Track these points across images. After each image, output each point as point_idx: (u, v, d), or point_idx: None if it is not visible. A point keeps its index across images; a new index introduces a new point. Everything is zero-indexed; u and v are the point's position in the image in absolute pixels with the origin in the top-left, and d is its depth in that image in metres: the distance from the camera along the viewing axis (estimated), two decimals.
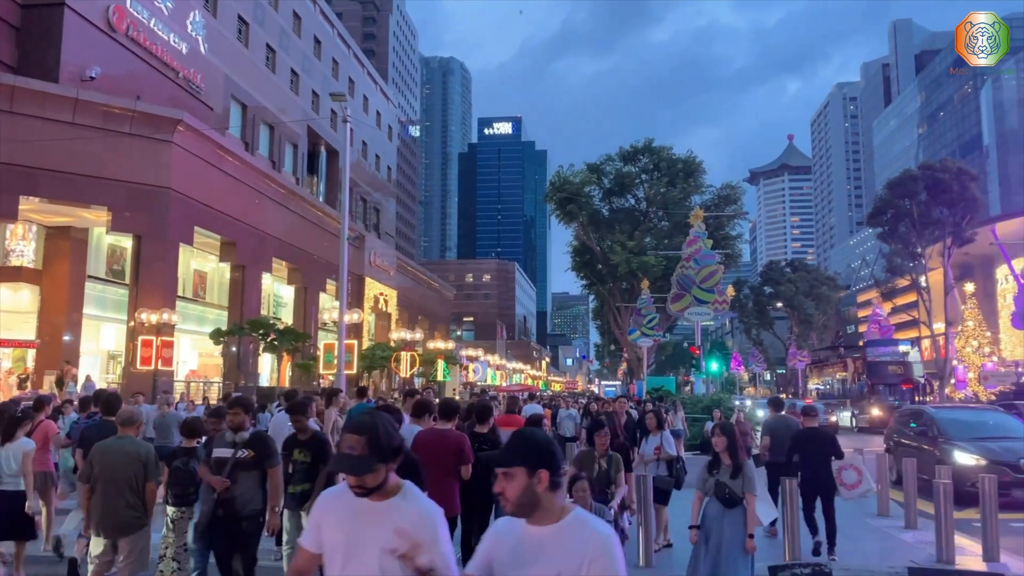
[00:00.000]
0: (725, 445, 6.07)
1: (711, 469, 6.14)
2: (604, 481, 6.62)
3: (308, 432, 6.63)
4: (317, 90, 52.06)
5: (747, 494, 5.92)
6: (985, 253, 63.13)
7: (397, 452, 2.67)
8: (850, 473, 8.82)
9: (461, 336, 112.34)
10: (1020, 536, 9.85)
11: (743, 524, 5.89)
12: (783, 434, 9.83)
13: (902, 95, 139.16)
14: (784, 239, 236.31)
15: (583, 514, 2.47)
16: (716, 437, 6.19)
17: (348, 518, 2.65)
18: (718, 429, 6.27)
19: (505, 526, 2.58)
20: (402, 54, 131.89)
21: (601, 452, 6.82)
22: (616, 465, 6.77)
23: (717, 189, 48.64)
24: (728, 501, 5.92)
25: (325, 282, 44.15)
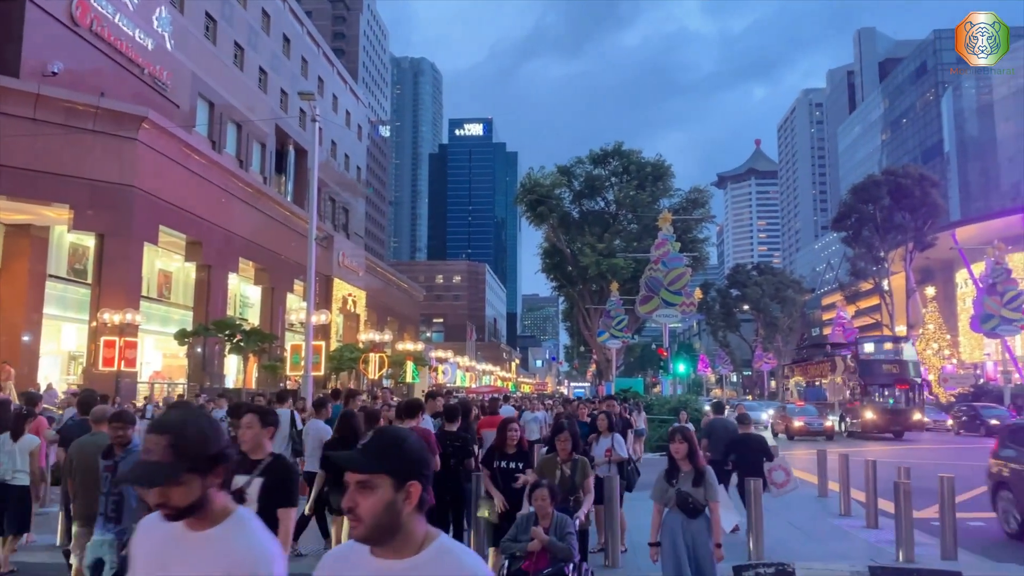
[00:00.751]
0: (686, 452, 5.59)
1: (670, 478, 5.62)
2: (567, 488, 6.17)
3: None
4: (286, 89, 51.57)
5: (711, 502, 5.53)
6: (945, 258, 64.54)
7: (216, 461, 2.00)
8: (779, 473, 9.82)
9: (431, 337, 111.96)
10: (977, 535, 10.08)
11: (708, 534, 5.52)
12: (720, 435, 10.80)
13: (866, 102, 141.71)
14: (751, 243, 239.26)
15: (450, 544, 1.87)
16: (676, 443, 5.64)
17: (157, 552, 2.00)
18: (678, 434, 5.68)
19: (344, 558, 1.93)
20: (372, 54, 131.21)
21: (564, 457, 6.38)
22: (582, 471, 6.33)
23: (685, 193, 49.11)
24: (692, 511, 5.48)
25: (293, 282, 43.74)
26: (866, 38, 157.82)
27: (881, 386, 33.45)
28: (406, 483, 1.84)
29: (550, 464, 6.41)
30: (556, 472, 6.25)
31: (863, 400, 32.84)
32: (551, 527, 5.23)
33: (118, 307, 26.71)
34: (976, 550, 8.84)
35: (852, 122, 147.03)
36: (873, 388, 33.40)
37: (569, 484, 6.19)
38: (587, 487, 6.28)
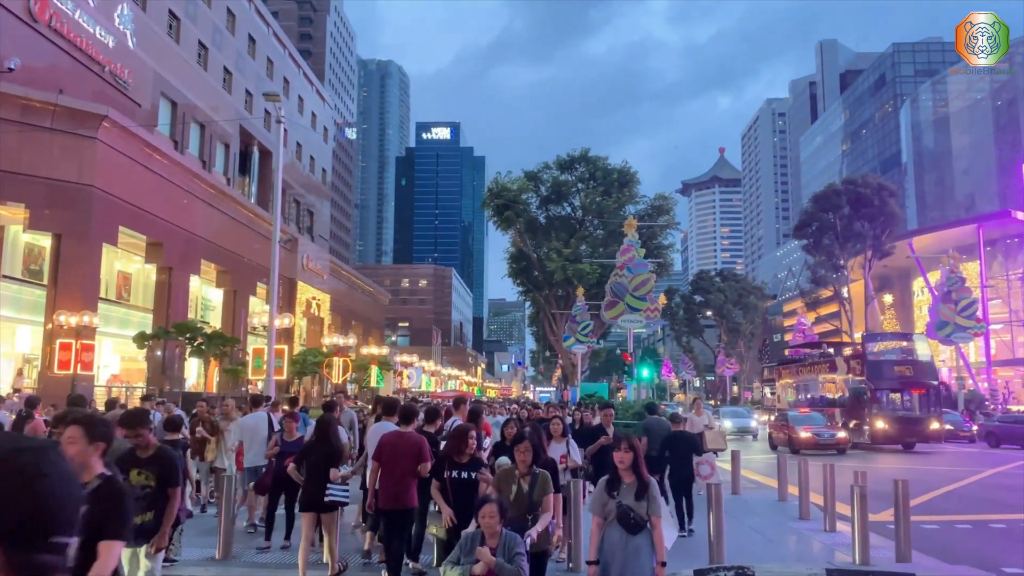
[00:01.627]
0: (631, 461, 5.11)
1: (611, 490, 5.11)
2: (525, 505, 5.56)
3: (151, 448, 5.37)
4: (251, 89, 51.01)
5: (653, 517, 5.05)
6: (903, 266, 66.06)
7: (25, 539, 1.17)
8: (705, 467, 11.42)
9: (396, 342, 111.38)
10: (930, 537, 10.32)
11: (651, 551, 5.03)
12: (656, 432, 11.86)
13: (827, 112, 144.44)
14: (714, 249, 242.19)
15: None
16: (622, 452, 5.12)
17: None
18: (624, 442, 5.20)
19: None
20: (339, 55, 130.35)
21: (523, 470, 5.73)
22: (542, 485, 5.68)
23: (650, 199, 49.59)
24: (633, 527, 5.00)
25: (256, 285, 43.21)
26: (828, 50, 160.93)
27: (892, 390, 29.31)
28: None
29: (507, 477, 5.80)
30: (513, 487, 5.66)
31: (872, 407, 28.54)
32: (499, 547, 4.76)
33: (75, 309, 26.14)
34: (930, 552, 9.04)
35: (814, 132, 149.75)
36: (883, 392, 29.09)
37: (526, 501, 5.59)
38: (546, 504, 5.64)
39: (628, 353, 37.34)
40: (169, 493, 5.24)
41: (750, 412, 39.11)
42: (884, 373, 29.49)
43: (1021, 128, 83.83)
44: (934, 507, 13.23)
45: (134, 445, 5.34)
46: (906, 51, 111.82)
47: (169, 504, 5.23)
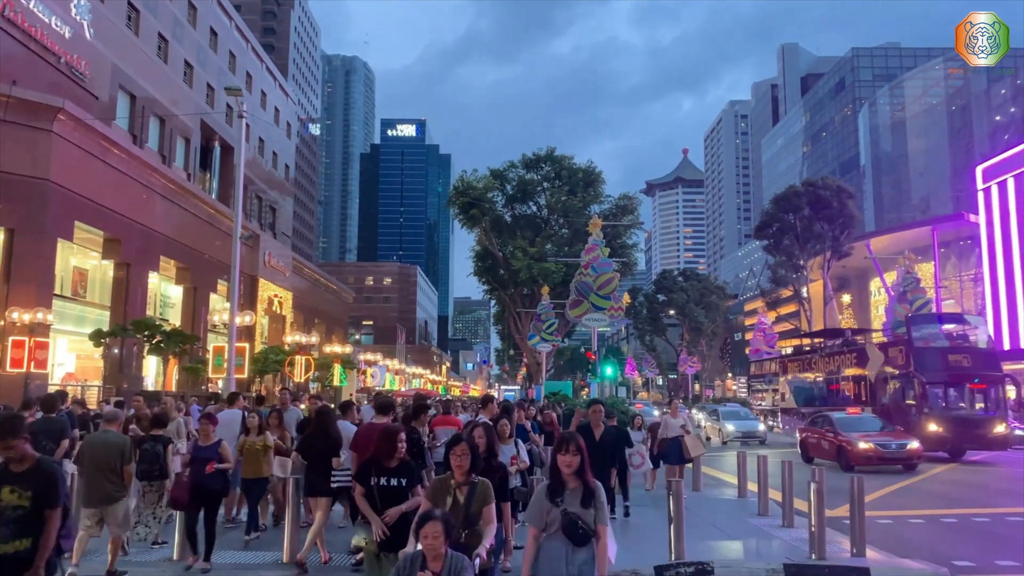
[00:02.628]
0: (578, 465, 4.50)
1: (553, 496, 4.48)
2: (461, 519, 4.76)
3: (27, 461, 4.56)
4: (212, 83, 50.24)
5: (600, 526, 4.46)
6: (860, 266, 67.42)
7: None
8: (636, 457, 12.45)
9: (360, 340, 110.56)
10: (884, 532, 10.57)
11: (593, 565, 4.43)
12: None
13: (789, 115, 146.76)
14: (677, 249, 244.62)
15: None
16: (568, 455, 4.51)
17: None
18: (572, 445, 4.55)
19: None
20: (303, 50, 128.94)
21: (460, 479, 4.94)
22: (481, 496, 4.89)
23: (615, 199, 49.88)
24: (581, 538, 4.40)
25: (216, 282, 42.61)
26: (789, 54, 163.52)
27: (948, 383, 23.90)
28: None
29: (441, 488, 4.98)
30: (447, 498, 4.88)
31: (922, 405, 23.33)
32: (444, 571, 4.12)
33: (28, 306, 25.53)
34: (884, 547, 9.26)
35: (775, 134, 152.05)
36: (936, 387, 23.78)
37: (463, 514, 4.81)
38: (488, 516, 4.88)
39: (592, 351, 37.53)
40: (47, 515, 4.41)
41: (752, 413, 34.07)
42: (936, 363, 23.97)
43: (974, 133, 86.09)
44: None
45: (5, 459, 4.52)
46: (865, 56, 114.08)
47: (46, 529, 4.40)
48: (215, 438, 8.33)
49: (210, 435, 8.31)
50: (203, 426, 8.47)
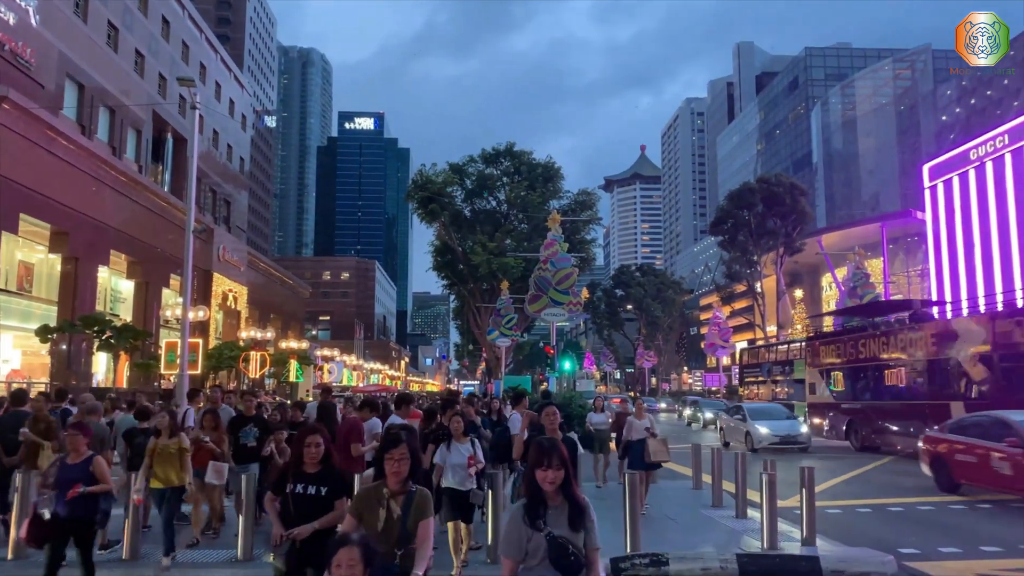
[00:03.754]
0: (563, 480, 3.62)
1: (533, 519, 3.58)
2: (395, 536, 3.98)
3: None
4: (165, 73, 49.16)
5: (590, 550, 3.63)
6: (812, 262, 68.85)
7: None
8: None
9: (316, 336, 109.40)
10: (833, 521, 10.85)
11: None
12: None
13: (744, 113, 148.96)
14: (635, 245, 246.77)
15: None
16: (551, 470, 3.59)
17: None
18: (555, 458, 3.61)
19: None
20: (259, 41, 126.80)
21: (394, 487, 4.08)
22: (418, 509, 4.04)
23: (574, 195, 50.14)
24: (572, 568, 3.54)
25: (169, 277, 41.80)
26: (745, 52, 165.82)
27: None
28: None
29: (371, 498, 4.11)
30: (380, 511, 4.05)
31: None
32: None
33: None
34: (833, 536, 9.50)
35: (731, 132, 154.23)
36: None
37: (399, 531, 4.01)
38: (423, 534, 4.03)
39: (551, 346, 37.73)
40: None
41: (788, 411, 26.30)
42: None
43: (921, 132, 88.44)
44: None
45: None
46: (817, 56, 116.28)
47: None
48: (86, 452, 6.54)
49: (80, 450, 6.50)
50: (71, 439, 6.56)
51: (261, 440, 9.50)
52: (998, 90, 71.69)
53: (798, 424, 23.76)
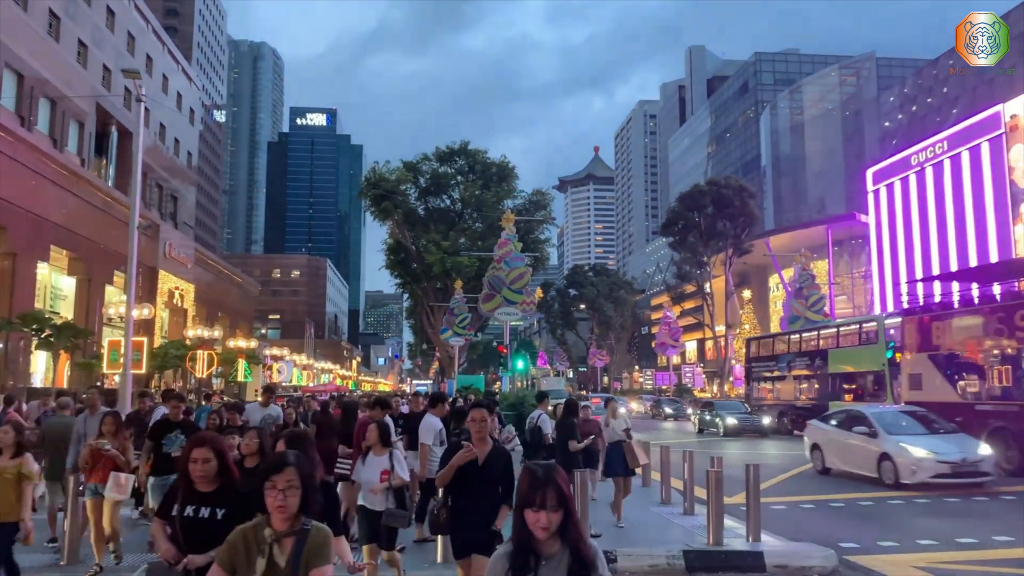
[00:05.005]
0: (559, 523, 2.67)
1: (521, 571, 2.69)
2: None
3: None
4: (109, 65, 47.82)
5: None
6: (760, 263, 70.26)
7: None
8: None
9: (266, 334, 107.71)
10: (778, 517, 11.08)
11: None
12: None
13: (695, 116, 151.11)
14: (589, 245, 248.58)
15: None
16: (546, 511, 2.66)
17: None
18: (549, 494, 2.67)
19: None
20: (208, 34, 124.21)
21: (281, 525, 3.03)
22: (315, 551, 3.03)
23: (528, 195, 50.32)
24: None
25: (112, 274, 40.72)
26: (696, 56, 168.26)
27: None
28: None
29: (247, 542, 3.06)
30: (258, 560, 3.01)
31: None
32: None
33: None
34: (778, 531, 9.71)
35: (682, 134, 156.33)
36: None
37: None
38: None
39: (504, 345, 37.79)
40: None
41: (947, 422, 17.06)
42: None
43: (865, 138, 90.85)
44: None
45: None
46: (767, 61, 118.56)
47: None
48: None
49: None
50: None
51: None
52: (938, 98, 74.09)
53: (974, 444, 15.04)
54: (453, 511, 5.17)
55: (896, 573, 7.92)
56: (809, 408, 28.00)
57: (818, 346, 30.47)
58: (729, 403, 34.94)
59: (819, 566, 8.03)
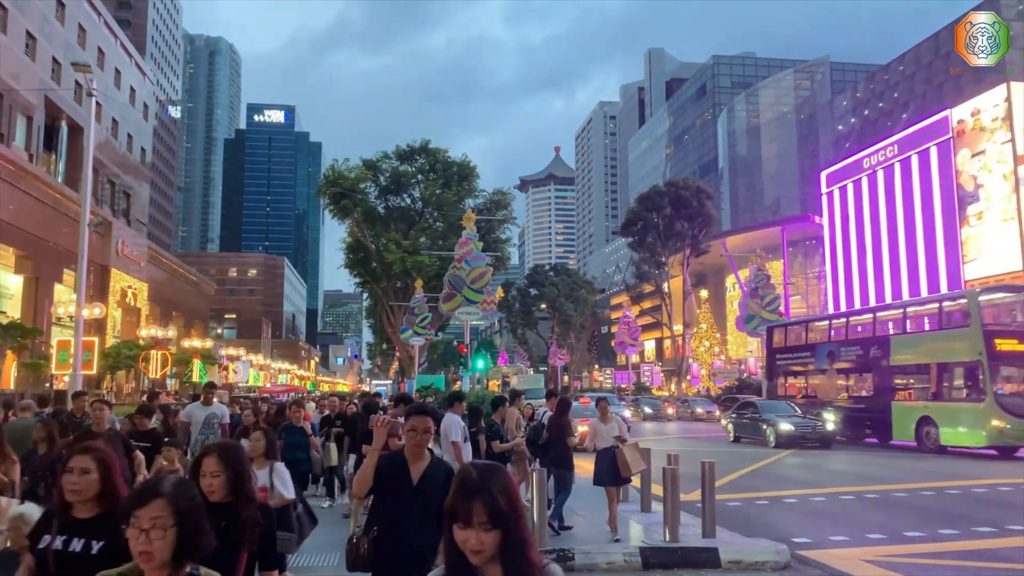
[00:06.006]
0: (498, 543, 1.99)
1: None
2: None
3: None
4: (59, 58, 46.60)
5: None
6: (717, 263, 71.27)
7: None
8: None
9: (222, 334, 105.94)
10: (733, 513, 11.26)
11: None
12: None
13: (654, 117, 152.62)
14: (549, 244, 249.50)
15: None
16: (473, 529, 1.98)
17: None
18: (477, 506, 1.99)
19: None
20: (163, 28, 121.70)
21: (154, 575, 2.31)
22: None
23: (489, 194, 50.34)
24: None
25: (62, 272, 39.68)
26: (655, 58, 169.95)
27: None
28: None
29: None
30: None
31: None
32: None
33: None
34: (733, 527, 9.87)
35: (641, 135, 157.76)
36: None
37: None
38: None
39: (464, 345, 37.73)
40: None
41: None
42: None
43: (819, 141, 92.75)
44: None
45: None
46: (724, 64, 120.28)
47: None
48: None
49: None
50: None
51: None
52: (889, 102, 75.97)
53: None
54: (377, 541, 3.96)
55: (846, 567, 8.11)
56: (862, 409, 24.15)
57: (873, 332, 24.94)
58: (773, 403, 26.09)
59: (772, 560, 8.19)
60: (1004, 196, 43.30)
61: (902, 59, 74.85)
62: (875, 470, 17.66)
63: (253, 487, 3.34)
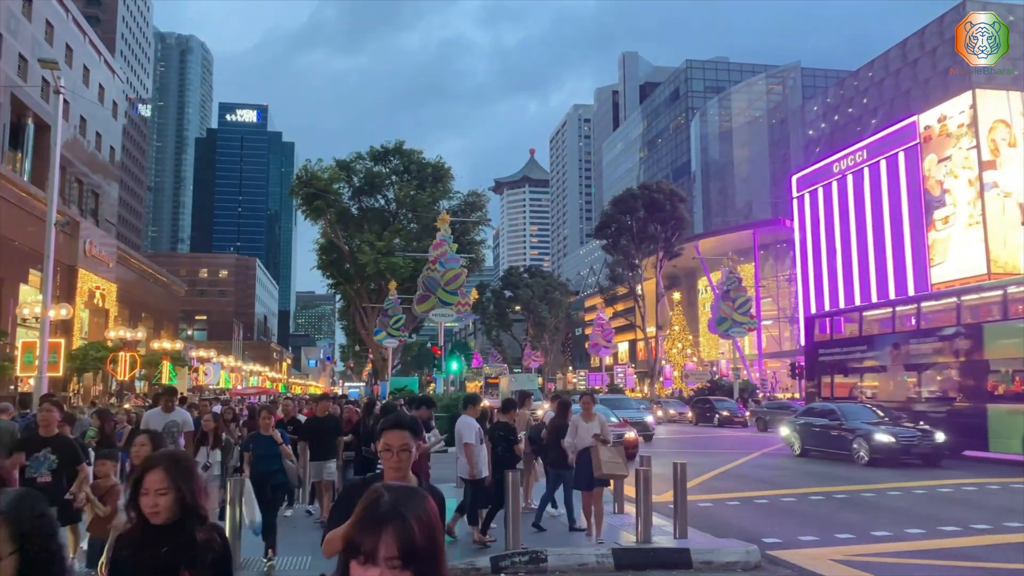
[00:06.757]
0: None
1: None
2: None
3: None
4: (25, 54, 45.77)
5: None
6: (690, 266, 71.88)
7: None
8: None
9: (192, 336, 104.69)
10: (705, 514, 11.35)
11: None
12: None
13: (628, 121, 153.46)
14: (524, 246, 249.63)
15: None
16: (378, 568, 1.50)
17: None
18: (384, 541, 1.52)
19: None
20: (133, 25, 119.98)
21: None
22: None
23: (464, 196, 50.26)
24: None
25: (28, 272, 38.98)
26: (630, 62, 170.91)
27: None
28: None
29: None
30: None
31: None
32: None
33: None
34: (704, 528, 9.95)
35: (615, 139, 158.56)
36: None
37: None
38: None
39: (438, 347, 37.63)
40: None
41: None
42: None
43: (790, 145, 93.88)
44: (710, 487, 14.58)
45: None
46: (698, 68, 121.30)
47: None
48: None
49: None
50: None
51: (59, 473, 6.78)
52: (859, 108, 77.12)
53: None
54: None
55: (814, 566, 8.20)
56: (943, 415, 19.26)
57: (958, 320, 20.10)
58: (854, 407, 20.69)
59: (742, 561, 8.26)
60: (969, 201, 44.16)
61: (871, 65, 76.06)
62: None
63: (205, 504, 2.79)
